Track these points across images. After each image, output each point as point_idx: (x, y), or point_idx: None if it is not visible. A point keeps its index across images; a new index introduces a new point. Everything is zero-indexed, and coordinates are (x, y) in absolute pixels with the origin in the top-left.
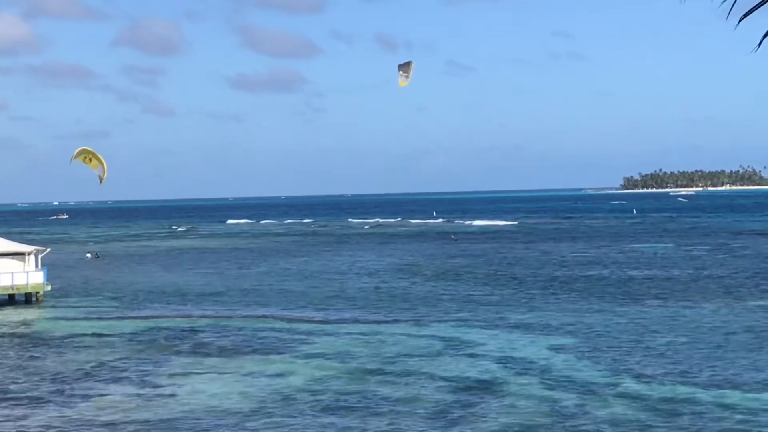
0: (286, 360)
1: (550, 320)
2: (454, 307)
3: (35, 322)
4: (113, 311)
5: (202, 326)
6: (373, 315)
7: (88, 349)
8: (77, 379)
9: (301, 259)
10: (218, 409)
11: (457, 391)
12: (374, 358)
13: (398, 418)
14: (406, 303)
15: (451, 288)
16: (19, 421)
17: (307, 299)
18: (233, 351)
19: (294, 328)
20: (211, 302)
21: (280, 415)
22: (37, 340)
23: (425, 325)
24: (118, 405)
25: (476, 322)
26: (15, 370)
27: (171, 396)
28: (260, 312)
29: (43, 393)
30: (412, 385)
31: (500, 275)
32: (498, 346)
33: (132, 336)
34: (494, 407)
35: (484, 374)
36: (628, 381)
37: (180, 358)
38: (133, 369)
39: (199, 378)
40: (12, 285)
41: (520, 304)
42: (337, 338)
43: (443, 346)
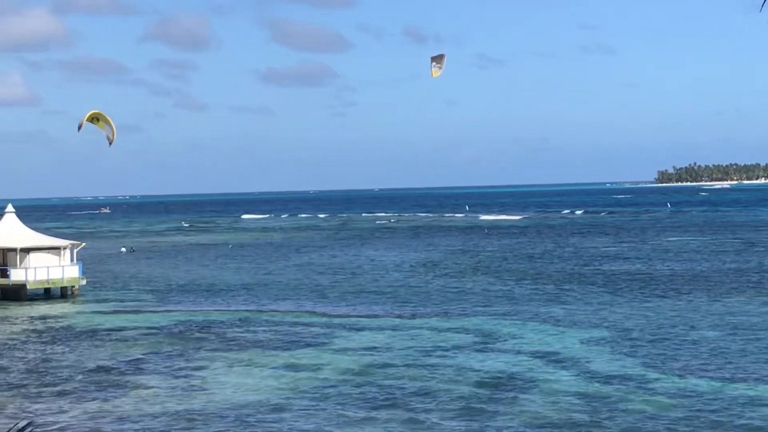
0: (317, 354)
1: (581, 314)
2: (486, 301)
3: (71, 315)
4: (147, 305)
5: (234, 320)
6: (404, 309)
7: (122, 342)
8: (112, 372)
9: (330, 253)
10: (250, 403)
11: (488, 385)
12: (404, 352)
13: (429, 412)
14: (437, 297)
15: (483, 282)
16: (56, 414)
17: (337, 293)
18: (265, 345)
19: (324, 322)
20: (242, 296)
21: (311, 409)
22: (72, 333)
23: (456, 319)
24: (152, 398)
25: (508, 316)
26: (51, 364)
27: (203, 389)
28: (291, 306)
29: (78, 386)
30: (443, 379)
31: (532, 269)
32: (530, 340)
33: (165, 329)
34: (526, 401)
35: (516, 368)
36: (660, 374)
37: (212, 351)
38: (166, 362)
39: (231, 371)
40: (48, 279)
41: (551, 298)
42: (368, 332)
43: (475, 340)
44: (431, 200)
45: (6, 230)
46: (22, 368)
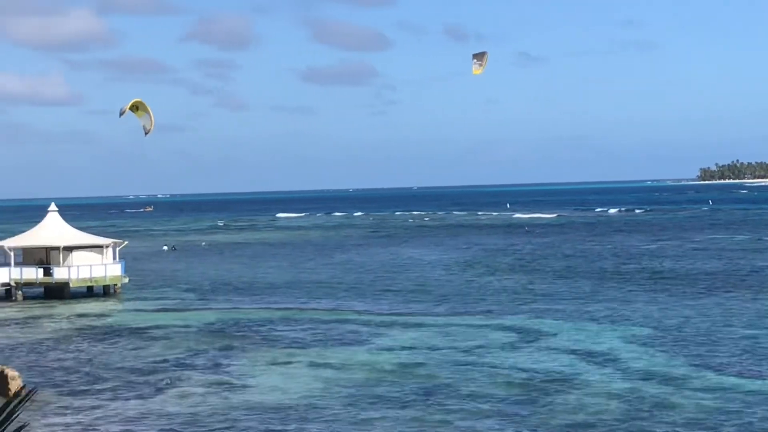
0: (355, 352)
1: (621, 312)
2: (527, 299)
3: (113, 313)
4: (188, 303)
5: (274, 318)
6: (442, 307)
7: (164, 340)
8: (154, 370)
9: (367, 251)
10: (289, 401)
11: (530, 383)
12: (442, 350)
13: (467, 412)
14: (478, 295)
15: (522, 280)
16: (98, 411)
17: (374, 291)
18: (304, 343)
19: (362, 320)
20: (282, 294)
21: (349, 407)
22: (114, 331)
23: (498, 317)
24: (192, 396)
25: (550, 314)
26: (94, 362)
27: (243, 387)
28: (329, 304)
29: (120, 384)
30: (481, 378)
31: (571, 267)
32: (569, 338)
33: (206, 327)
34: (569, 399)
35: (555, 367)
36: (702, 373)
37: (252, 349)
38: (207, 360)
39: (271, 369)
40: (90, 277)
41: (590, 296)
42: (406, 330)
43: (516, 338)
44: (470, 198)
45: (49, 229)
46: (64, 366)
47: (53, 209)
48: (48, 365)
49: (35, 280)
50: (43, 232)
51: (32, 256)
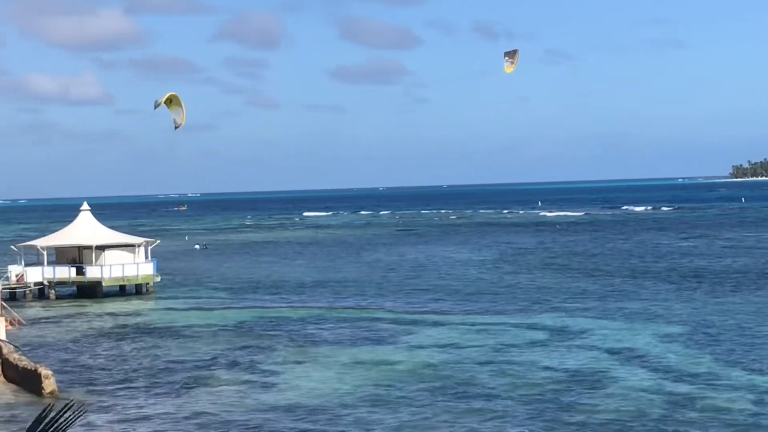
0: (388, 351)
1: (653, 310)
2: (559, 298)
3: (145, 312)
4: (220, 302)
5: (305, 317)
6: (474, 306)
7: (196, 338)
8: (186, 369)
9: (398, 250)
10: (321, 399)
11: (562, 381)
12: (475, 349)
13: (500, 410)
14: (508, 293)
15: (555, 278)
16: (131, 410)
17: (406, 290)
18: (336, 341)
19: (395, 318)
20: (312, 293)
21: (381, 406)
22: (147, 330)
23: (529, 315)
24: (225, 394)
25: (581, 312)
26: (126, 360)
27: (276, 385)
28: (361, 303)
29: (153, 382)
30: (517, 375)
31: (603, 265)
32: (602, 336)
33: (238, 326)
34: (601, 397)
35: (588, 365)
36: (735, 371)
37: (284, 348)
38: (239, 359)
39: (303, 368)
40: (123, 276)
41: (624, 294)
42: (438, 329)
43: (548, 336)
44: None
45: (82, 228)
46: (97, 365)
47: (85, 208)
48: (81, 364)
49: (68, 279)
50: (75, 232)
51: (65, 256)
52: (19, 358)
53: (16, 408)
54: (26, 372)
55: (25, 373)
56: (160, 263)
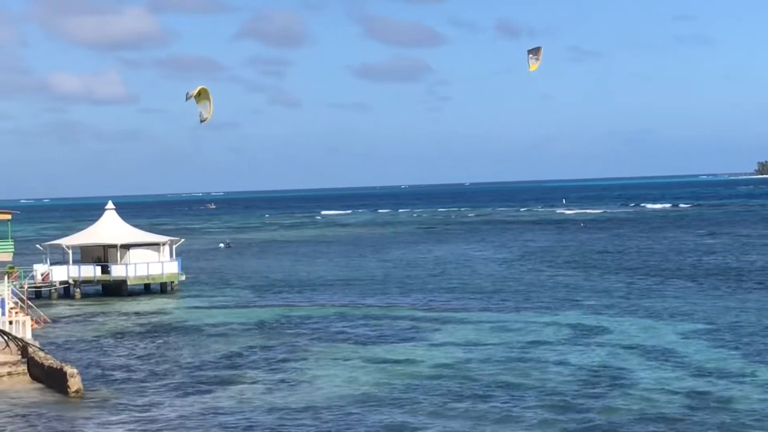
0: (412, 349)
1: (676, 307)
2: (582, 295)
3: (170, 311)
4: (244, 300)
5: (329, 315)
6: (499, 303)
7: (221, 337)
8: (211, 368)
9: (421, 248)
10: (346, 397)
11: (586, 378)
12: (498, 346)
13: (523, 408)
14: (532, 291)
15: (578, 276)
16: (156, 408)
17: (430, 288)
18: (360, 340)
19: (419, 316)
20: (336, 291)
21: (406, 404)
22: (172, 329)
23: (553, 313)
24: (249, 392)
25: (604, 310)
26: (151, 359)
27: (300, 383)
28: (384, 301)
29: (178, 381)
30: (537, 374)
31: (627, 263)
32: (625, 333)
33: (262, 324)
34: (625, 395)
35: (614, 362)
36: (760, 368)
37: (309, 346)
38: (264, 357)
39: (327, 366)
40: (148, 275)
41: (647, 292)
42: (462, 327)
43: (571, 333)
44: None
45: (107, 227)
46: (122, 363)
47: (110, 207)
48: (106, 362)
49: (93, 278)
50: (100, 231)
51: (90, 254)
52: (44, 357)
53: (41, 407)
54: (52, 370)
55: (51, 371)
56: (184, 262)
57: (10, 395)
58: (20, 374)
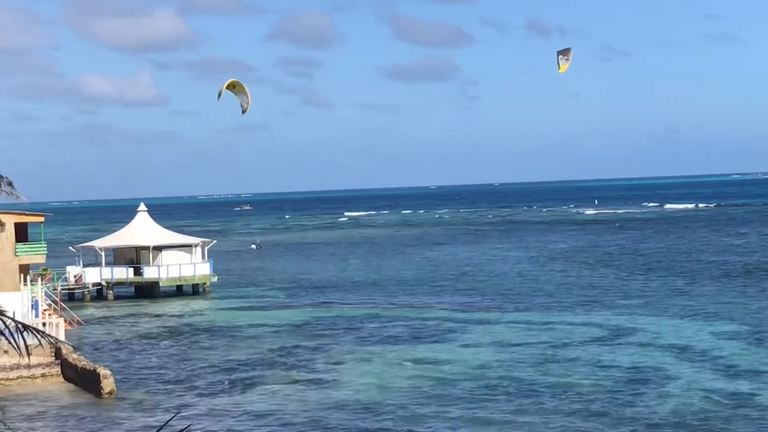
0: (445, 349)
1: (712, 308)
2: (615, 295)
3: (202, 312)
4: (276, 301)
5: (361, 315)
6: (531, 304)
7: (253, 338)
8: (244, 368)
9: (452, 248)
10: (379, 397)
11: (619, 379)
12: (533, 346)
13: (558, 407)
14: (564, 291)
15: (612, 276)
16: (189, 409)
17: (462, 289)
18: (393, 340)
19: (451, 316)
20: (366, 291)
21: (439, 404)
22: (204, 330)
23: (586, 313)
24: (282, 393)
25: (638, 310)
26: (183, 360)
27: (331, 383)
28: (416, 301)
29: (210, 382)
30: (573, 374)
31: (658, 262)
32: (660, 334)
33: (294, 325)
34: (658, 396)
35: (648, 361)
36: None
37: (340, 346)
38: (295, 357)
39: (358, 366)
40: (180, 276)
41: (680, 292)
42: (495, 327)
43: (604, 333)
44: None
45: (139, 229)
46: (155, 364)
47: (142, 209)
48: (138, 364)
49: (126, 279)
50: (133, 232)
51: (123, 256)
52: (77, 359)
53: (75, 408)
54: (85, 372)
55: (84, 373)
56: (216, 263)
57: (44, 396)
58: (54, 375)
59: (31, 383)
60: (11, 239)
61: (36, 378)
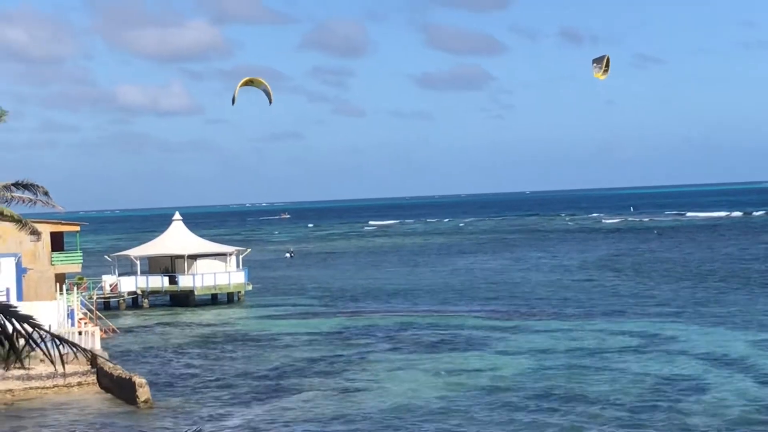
0: (478, 357)
1: (747, 316)
2: (652, 303)
3: (237, 321)
4: (310, 309)
5: (394, 323)
6: (564, 311)
7: (287, 347)
8: (278, 376)
9: (485, 256)
10: (411, 405)
11: (657, 387)
12: (565, 354)
13: (592, 417)
14: (602, 299)
15: (648, 283)
16: (224, 418)
17: (498, 296)
18: (425, 348)
19: (487, 324)
20: (398, 300)
21: (472, 412)
22: (239, 339)
23: (622, 321)
24: (317, 401)
25: (675, 318)
26: (218, 369)
27: (366, 392)
28: (449, 309)
29: (246, 390)
30: (606, 383)
31: (695, 270)
32: (695, 342)
33: (328, 333)
34: (697, 404)
35: (686, 370)
36: None
37: (374, 355)
38: (330, 366)
39: (393, 375)
40: (215, 285)
41: (720, 300)
42: (529, 335)
43: (640, 341)
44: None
45: (174, 238)
46: (190, 373)
47: (177, 218)
48: (174, 372)
49: (161, 288)
50: (168, 241)
51: (158, 265)
52: (113, 367)
53: (111, 417)
54: (121, 380)
55: (120, 381)
56: (252, 272)
57: (79, 405)
58: (90, 384)
59: (67, 392)
60: (47, 248)
61: (72, 387)
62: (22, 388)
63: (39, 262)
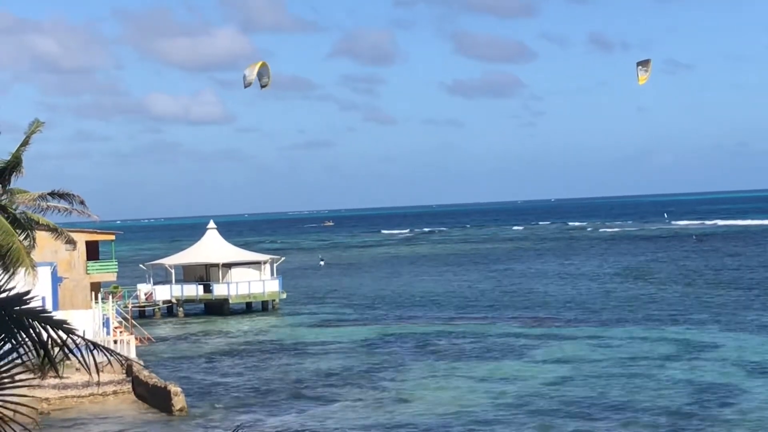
0: (515, 364)
1: None
2: (686, 310)
3: (272, 329)
4: (344, 317)
5: (429, 331)
6: (602, 318)
7: (322, 355)
8: (313, 385)
9: (521, 265)
10: (448, 414)
11: (694, 395)
12: (603, 362)
13: (628, 425)
14: (636, 306)
15: (683, 290)
16: (260, 426)
17: (532, 304)
18: (461, 356)
19: (521, 332)
20: (432, 308)
21: (510, 420)
22: (274, 347)
23: (656, 328)
24: (352, 410)
25: (710, 325)
26: (254, 377)
27: (402, 400)
28: (486, 316)
29: (281, 399)
30: (642, 391)
31: (733, 276)
32: (733, 349)
33: (363, 341)
34: (732, 411)
35: (720, 377)
36: None
37: (409, 363)
38: (365, 374)
39: (428, 383)
40: (249, 293)
41: (755, 307)
42: (566, 342)
43: (676, 349)
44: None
45: (208, 246)
46: (225, 381)
47: (212, 227)
48: (209, 381)
49: (196, 296)
50: (202, 250)
51: (192, 274)
52: (148, 376)
53: (146, 425)
54: (156, 389)
55: (155, 390)
56: (286, 280)
57: (115, 414)
58: (125, 393)
59: (102, 400)
60: (83, 257)
61: (107, 395)
62: (58, 397)
63: (74, 271)
